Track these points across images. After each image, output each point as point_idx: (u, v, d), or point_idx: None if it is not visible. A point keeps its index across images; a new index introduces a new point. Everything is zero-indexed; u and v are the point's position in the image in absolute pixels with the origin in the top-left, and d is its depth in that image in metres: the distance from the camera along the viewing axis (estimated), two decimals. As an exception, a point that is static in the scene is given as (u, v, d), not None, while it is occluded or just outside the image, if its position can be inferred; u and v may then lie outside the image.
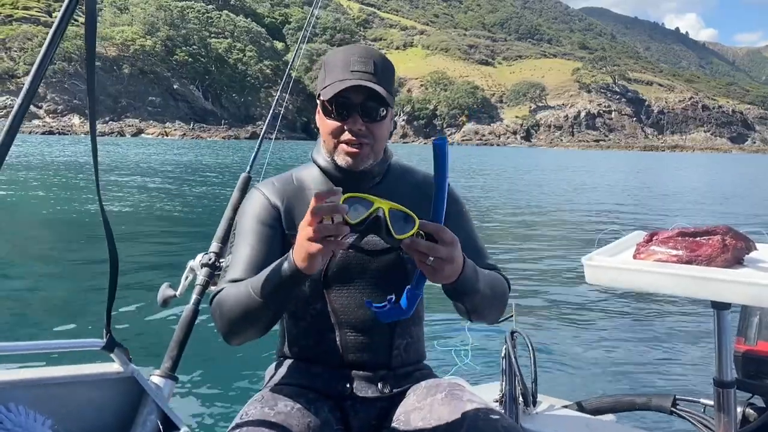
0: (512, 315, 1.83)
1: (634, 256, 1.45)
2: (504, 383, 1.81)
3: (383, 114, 1.23)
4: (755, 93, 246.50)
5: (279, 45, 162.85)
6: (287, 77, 2.15)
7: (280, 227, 1.29)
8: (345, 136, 1.23)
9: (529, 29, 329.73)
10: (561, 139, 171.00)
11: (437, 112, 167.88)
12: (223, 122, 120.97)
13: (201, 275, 1.59)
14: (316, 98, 1.27)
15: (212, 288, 1.57)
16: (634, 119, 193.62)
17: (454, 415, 1.17)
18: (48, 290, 5.44)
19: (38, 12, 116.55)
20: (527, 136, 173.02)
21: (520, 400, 1.79)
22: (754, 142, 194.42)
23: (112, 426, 1.22)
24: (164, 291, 1.58)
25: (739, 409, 1.73)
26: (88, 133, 0.98)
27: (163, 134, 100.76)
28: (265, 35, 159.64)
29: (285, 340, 1.37)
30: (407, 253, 1.01)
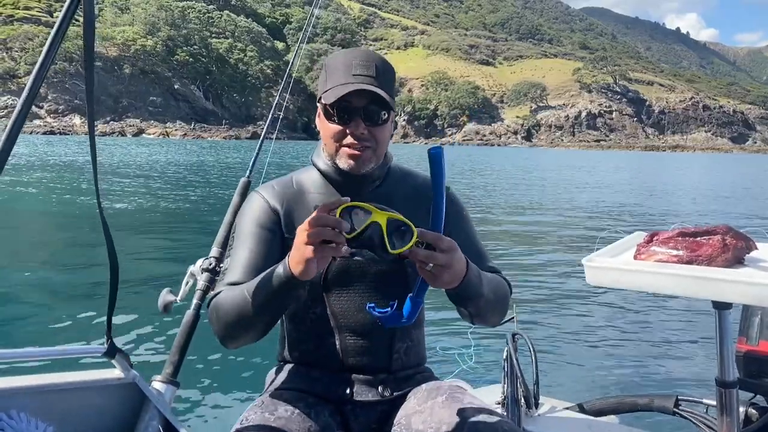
0: (514, 317, 1.83)
1: (635, 257, 1.45)
2: (506, 385, 1.80)
3: (385, 117, 1.23)
4: (756, 93, 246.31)
5: (280, 45, 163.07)
6: (288, 77, 2.14)
7: (279, 231, 1.28)
8: (347, 139, 1.22)
9: (529, 29, 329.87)
10: (562, 139, 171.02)
11: (438, 112, 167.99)
12: (223, 122, 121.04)
13: (202, 280, 1.58)
14: (317, 101, 1.26)
15: (210, 292, 1.56)
16: (635, 119, 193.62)
17: (455, 418, 1.17)
18: (48, 296, 5.41)
19: (39, 12, 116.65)
20: (528, 136, 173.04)
21: (522, 402, 1.78)
22: (755, 142, 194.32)
23: None
24: (165, 296, 1.57)
25: (741, 409, 1.73)
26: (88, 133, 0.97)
27: (164, 134, 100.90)
28: (265, 35, 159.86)
29: (285, 345, 1.37)
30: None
